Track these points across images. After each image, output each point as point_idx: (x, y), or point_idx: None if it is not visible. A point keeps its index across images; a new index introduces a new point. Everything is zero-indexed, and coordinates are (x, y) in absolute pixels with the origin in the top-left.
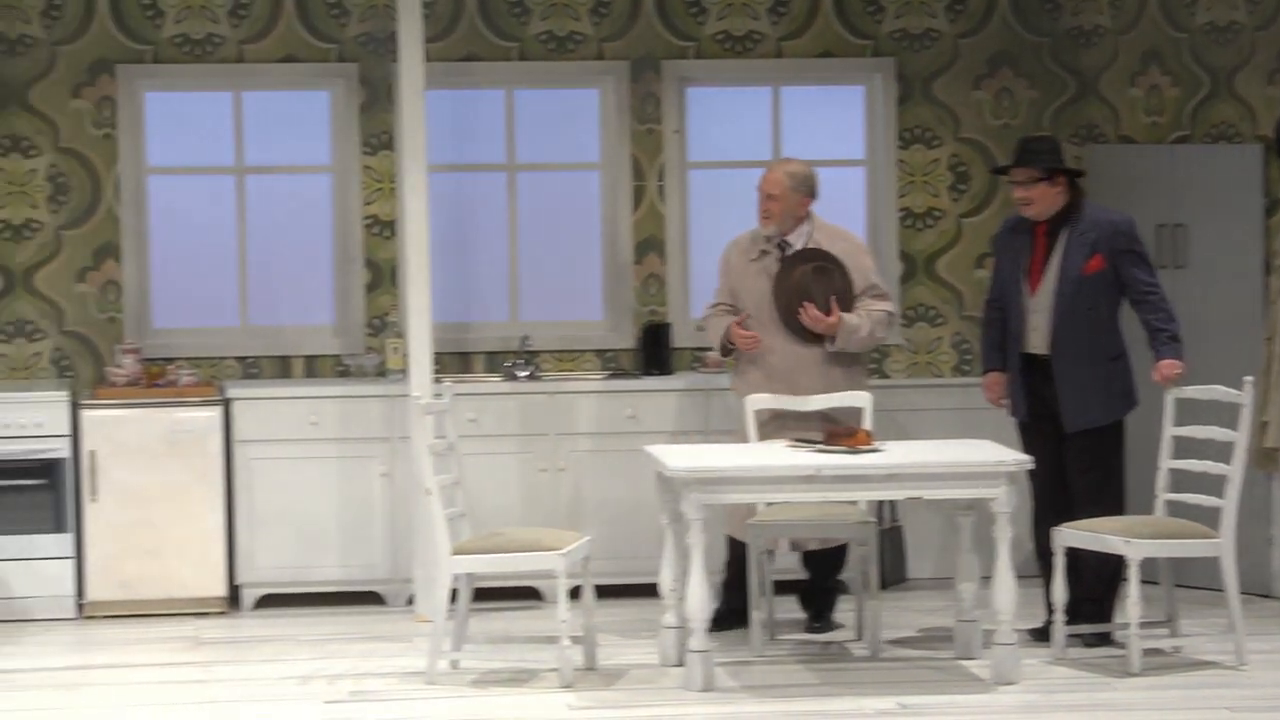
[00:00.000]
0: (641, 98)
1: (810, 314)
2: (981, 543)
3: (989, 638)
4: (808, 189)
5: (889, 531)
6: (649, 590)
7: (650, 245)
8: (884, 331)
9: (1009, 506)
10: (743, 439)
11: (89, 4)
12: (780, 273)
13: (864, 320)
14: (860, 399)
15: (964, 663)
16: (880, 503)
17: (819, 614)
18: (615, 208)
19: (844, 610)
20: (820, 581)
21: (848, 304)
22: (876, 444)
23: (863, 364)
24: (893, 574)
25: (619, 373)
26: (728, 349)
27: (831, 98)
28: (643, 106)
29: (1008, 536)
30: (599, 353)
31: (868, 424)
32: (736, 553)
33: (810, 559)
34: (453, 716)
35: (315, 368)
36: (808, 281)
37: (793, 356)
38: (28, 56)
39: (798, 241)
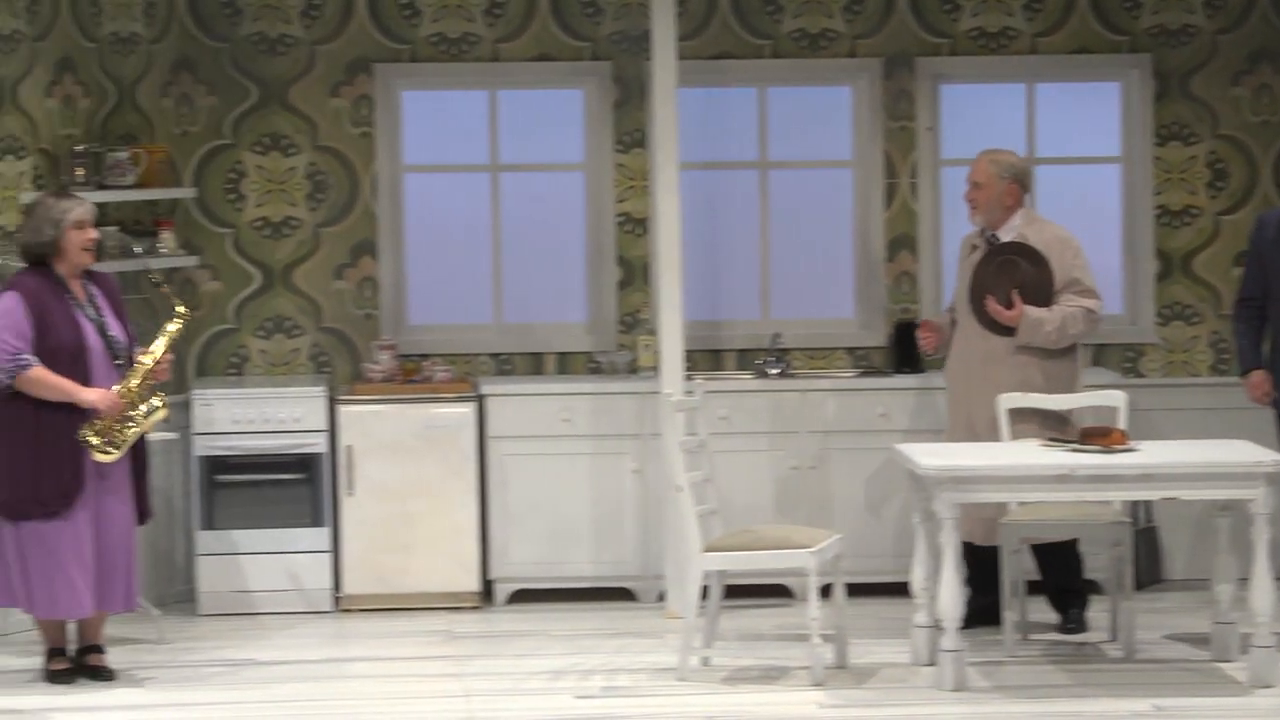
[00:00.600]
0: (894, 95)
1: (991, 306)
2: (1239, 544)
3: (1246, 640)
4: (1013, 177)
5: (1144, 532)
6: (900, 589)
7: (902, 243)
8: (1079, 328)
9: (1267, 508)
10: (951, 438)
11: (348, 4)
12: (979, 265)
13: (1052, 315)
14: (1115, 398)
15: (1220, 665)
16: (1135, 503)
17: (1065, 614)
18: (867, 205)
19: (1097, 611)
20: (1056, 581)
21: (1041, 299)
22: (1131, 443)
23: (1071, 362)
24: (1147, 575)
25: (870, 370)
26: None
27: (1087, 94)
28: (895, 104)
29: (1266, 538)
30: (850, 350)
31: (1122, 423)
32: (971, 555)
33: (1041, 559)
34: (703, 713)
35: (567, 364)
36: (992, 274)
37: (982, 350)
38: (288, 56)
39: (1005, 235)
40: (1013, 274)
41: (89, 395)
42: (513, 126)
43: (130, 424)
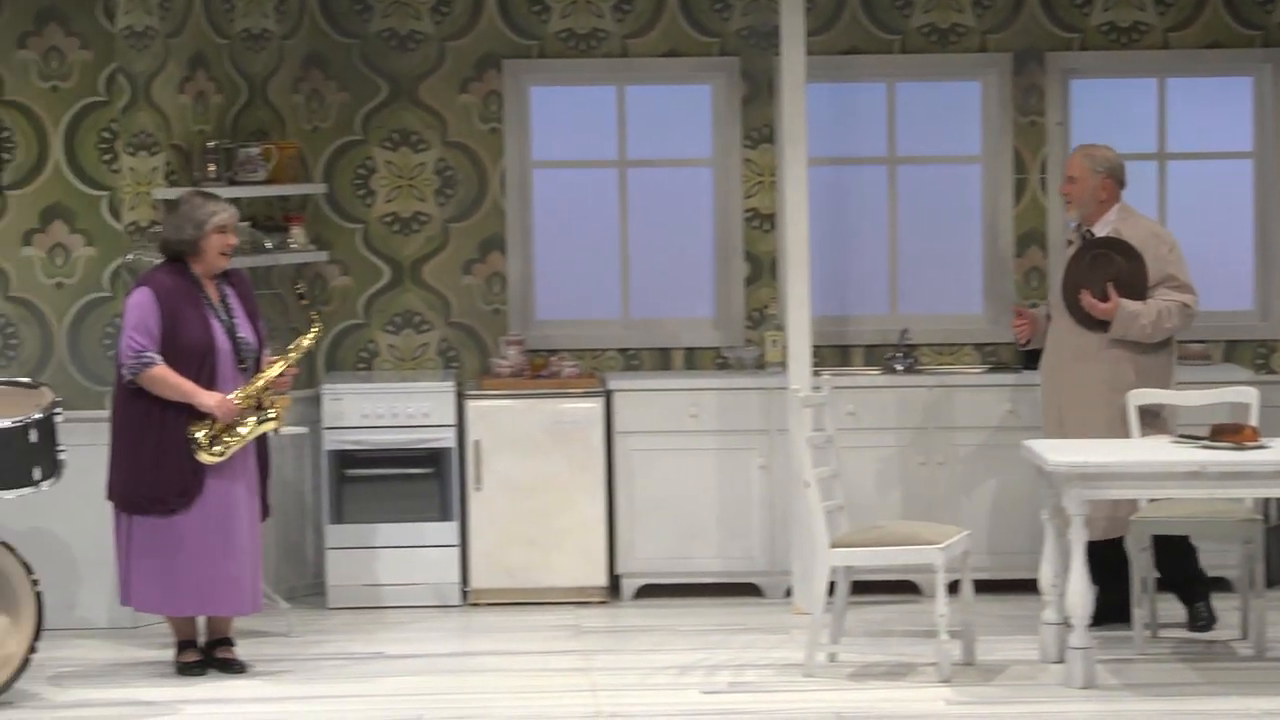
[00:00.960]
0: (1024, 90)
1: (1086, 300)
2: None
3: None
4: (1107, 172)
5: (1275, 529)
6: (1027, 585)
7: (1032, 238)
8: (1174, 323)
9: None
10: (1045, 434)
11: (477, 0)
12: (1072, 260)
13: (1147, 309)
14: (1246, 395)
15: None
16: (1266, 500)
17: (1192, 608)
18: (996, 201)
19: (1229, 609)
20: (1176, 574)
21: (1135, 294)
22: (1263, 440)
23: (1164, 357)
24: (1279, 573)
25: (999, 366)
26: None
27: (1218, 89)
28: (1025, 99)
29: None
30: (978, 346)
31: (1254, 420)
32: (1095, 553)
33: (1156, 555)
34: (830, 709)
35: (695, 360)
36: (1086, 268)
37: (1073, 346)
38: (417, 52)
39: (1100, 230)
40: (1106, 269)
41: (207, 399)
42: (641, 122)
43: (241, 429)
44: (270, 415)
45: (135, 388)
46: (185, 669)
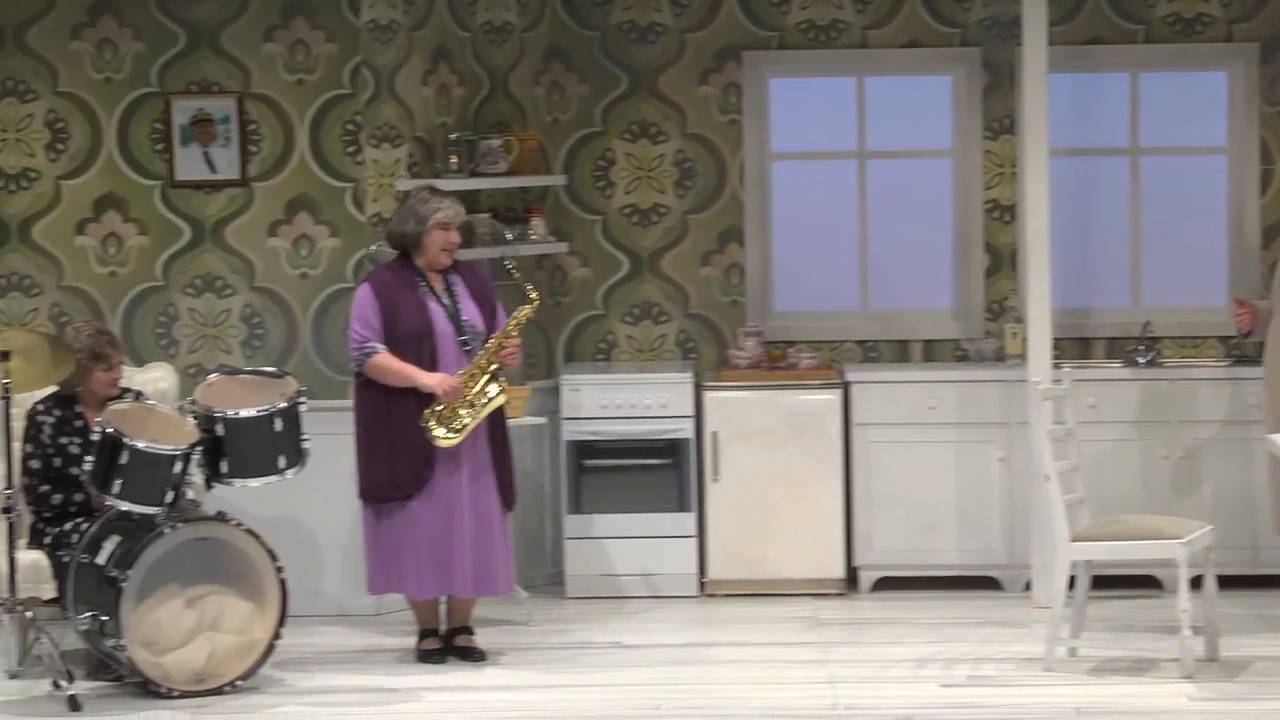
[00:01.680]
0: (1271, 80)
1: None
2: None
3: None
4: None
5: None
6: (1273, 581)
7: (1278, 230)
8: None
9: None
10: (1271, 429)
11: None
12: None
13: None
14: None
15: None
16: None
17: None
18: (1242, 191)
19: None
20: None
21: None
22: None
23: None
24: None
25: (1243, 360)
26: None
27: None
28: (1272, 89)
29: None
30: (1222, 339)
31: None
32: None
33: None
34: (1070, 704)
35: (934, 352)
36: None
37: None
38: (657, 44)
39: None
40: None
41: (428, 380)
42: (880, 113)
43: (469, 409)
44: (494, 391)
45: (366, 380)
46: (426, 656)
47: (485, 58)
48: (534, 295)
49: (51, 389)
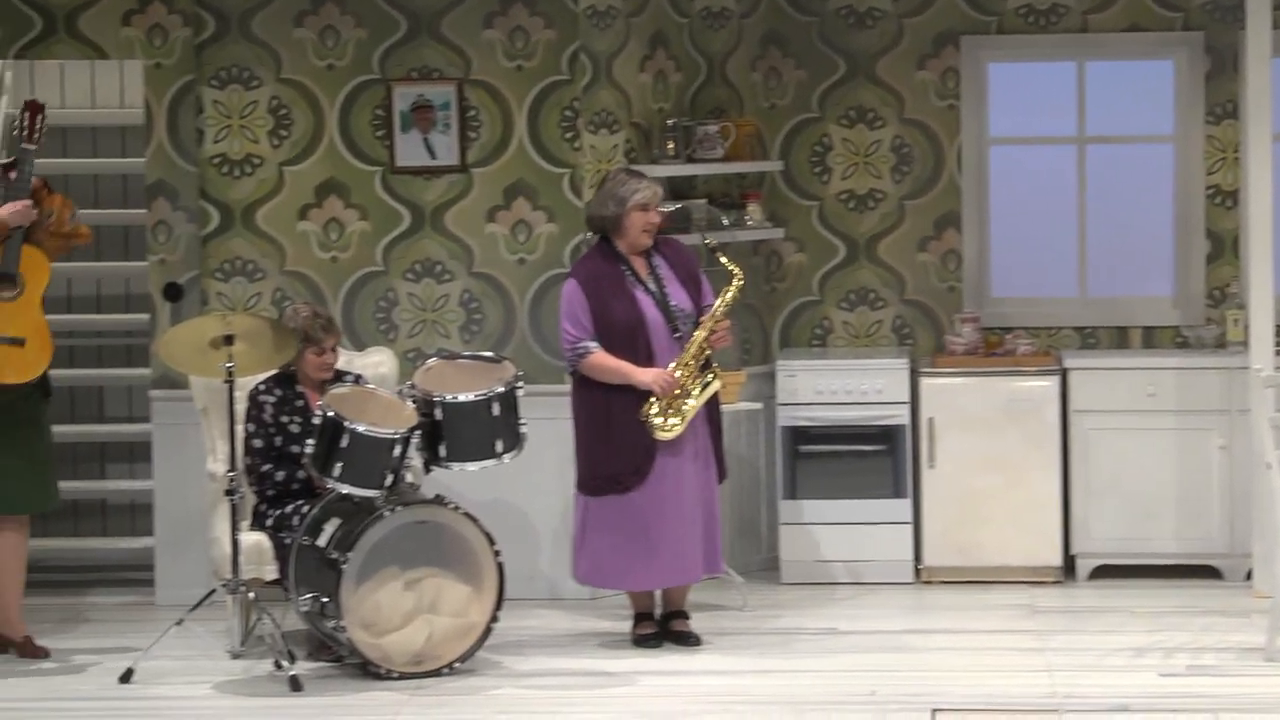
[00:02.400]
0: None
1: None
2: None
3: None
4: None
5: None
6: None
7: None
8: None
9: None
10: None
11: None
12: None
13: None
14: None
15: None
16: None
17: None
18: None
19: None
20: None
21: None
22: None
23: None
24: None
25: None
26: None
27: None
28: None
29: None
30: None
31: None
32: None
33: None
34: None
35: (1153, 338)
36: None
37: None
38: (875, 29)
39: None
40: None
41: (644, 376)
42: (1100, 98)
43: (688, 398)
44: (710, 378)
45: (582, 375)
46: (641, 641)
47: (702, 43)
48: (737, 274)
49: (273, 371)
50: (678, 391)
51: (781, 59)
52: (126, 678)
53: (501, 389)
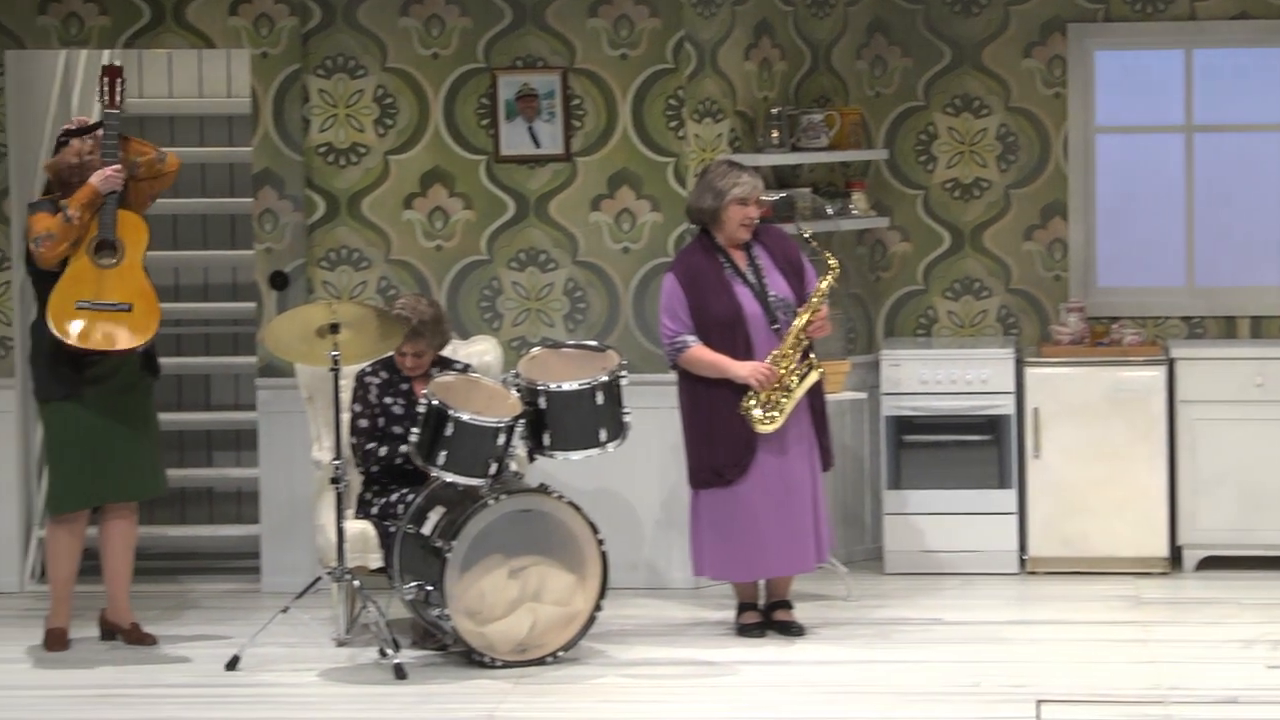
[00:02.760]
0: None
1: None
2: None
3: None
4: None
5: None
6: None
7: None
8: None
9: None
10: None
11: None
12: None
13: None
14: None
15: None
16: None
17: None
18: None
19: None
20: None
21: None
22: None
23: None
24: None
25: None
26: None
27: None
28: None
29: None
30: None
31: None
32: None
33: None
34: None
35: (1261, 329)
36: None
37: None
38: (981, 17)
39: None
40: None
41: (740, 370)
42: (1209, 86)
43: (787, 391)
44: (810, 370)
45: (681, 371)
46: (745, 630)
47: (807, 32)
48: (834, 264)
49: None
50: (777, 384)
51: (887, 47)
52: (232, 665)
53: (605, 378)
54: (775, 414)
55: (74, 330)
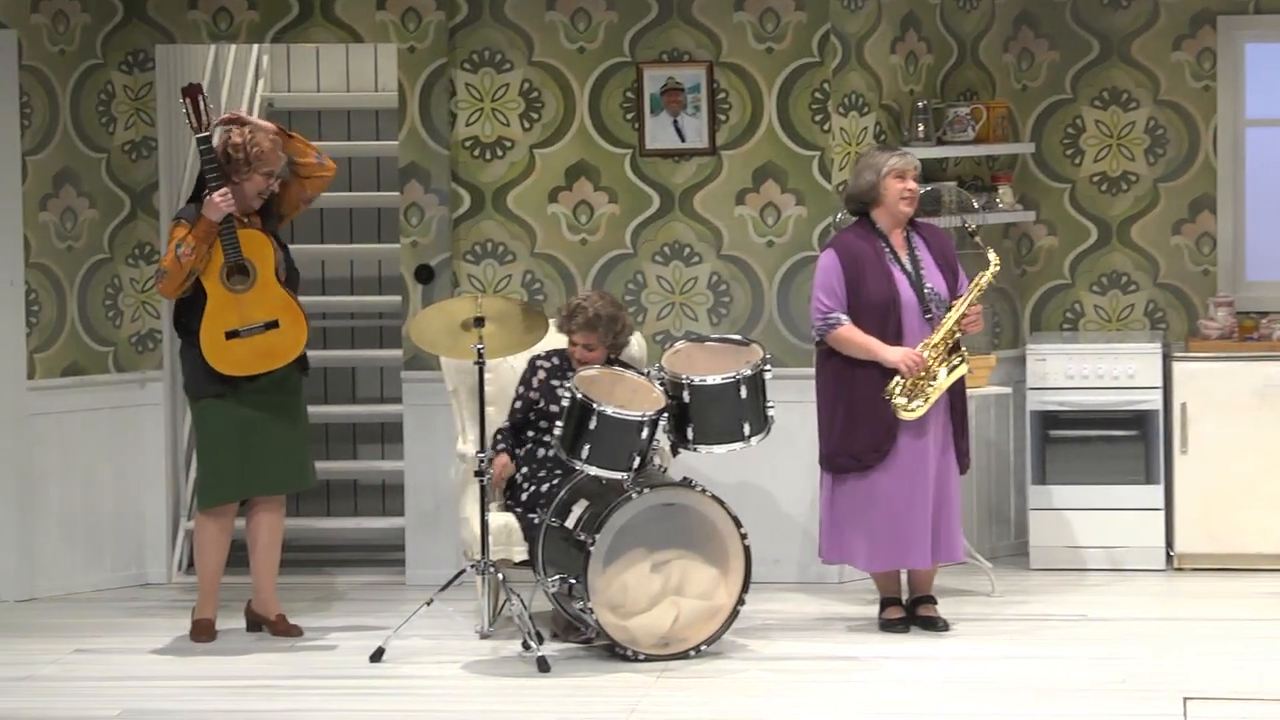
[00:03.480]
0: None
1: None
2: None
3: None
4: None
5: None
6: None
7: None
8: None
9: None
10: None
11: None
12: None
13: None
14: None
15: None
16: None
17: None
18: None
19: None
20: None
21: None
22: None
23: None
24: None
25: None
26: None
27: None
28: None
29: None
30: None
31: None
32: None
33: None
34: None
35: None
36: None
37: None
38: (1130, 10)
39: None
40: None
41: (891, 354)
42: None
43: (934, 380)
44: (958, 361)
45: (828, 350)
46: (888, 625)
47: (954, 25)
48: (995, 260)
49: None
50: (923, 373)
51: (1034, 40)
52: (377, 656)
53: (749, 372)
54: (920, 402)
55: (232, 363)
